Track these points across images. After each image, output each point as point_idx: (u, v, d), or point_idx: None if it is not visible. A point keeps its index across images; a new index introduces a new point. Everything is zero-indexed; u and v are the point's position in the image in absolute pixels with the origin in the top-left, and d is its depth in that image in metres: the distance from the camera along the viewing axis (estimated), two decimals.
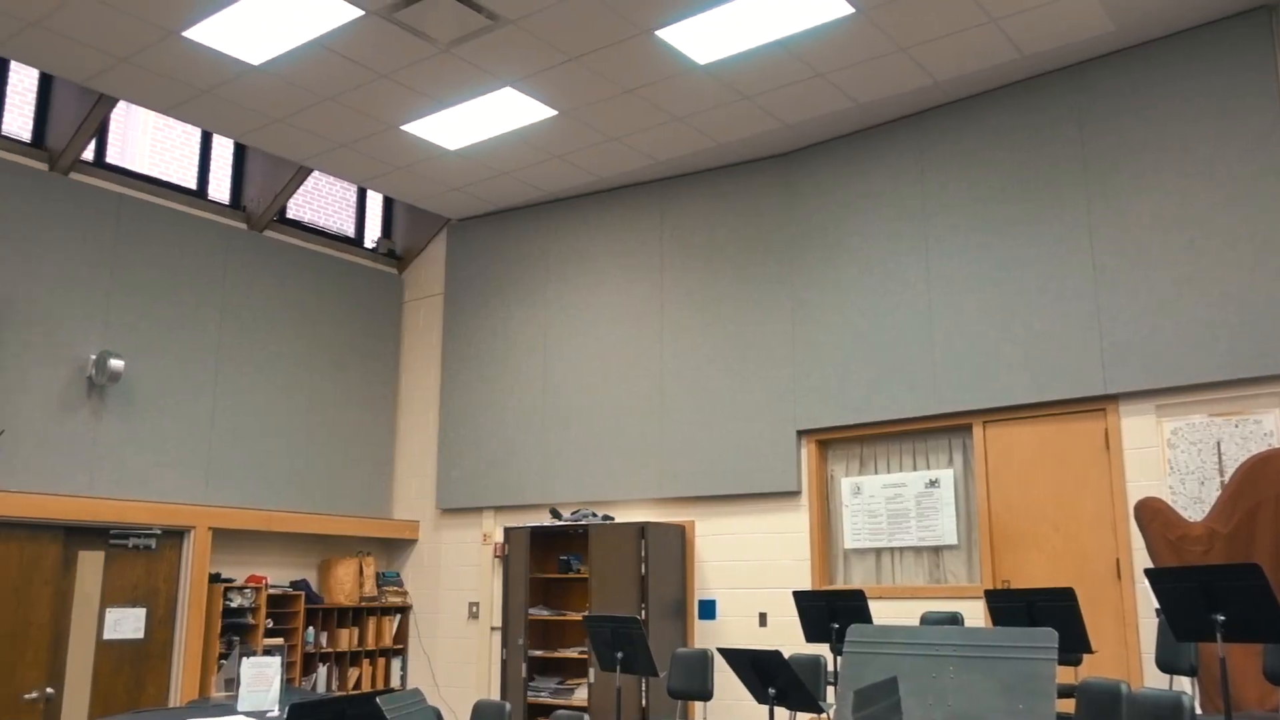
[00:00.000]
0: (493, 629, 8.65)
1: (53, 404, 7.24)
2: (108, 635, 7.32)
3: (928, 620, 6.34)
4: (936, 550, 7.06)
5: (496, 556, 8.76)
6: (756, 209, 8.04)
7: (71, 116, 7.42)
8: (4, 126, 7.37)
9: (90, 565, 7.32)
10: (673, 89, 6.98)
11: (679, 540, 7.85)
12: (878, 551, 7.29)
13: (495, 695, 8.36)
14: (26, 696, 6.87)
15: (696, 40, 6.36)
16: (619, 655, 6.01)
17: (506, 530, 8.27)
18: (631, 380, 8.34)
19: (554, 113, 7.32)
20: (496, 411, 8.99)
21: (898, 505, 7.21)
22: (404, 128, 7.57)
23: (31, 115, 7.55)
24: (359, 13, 6.08)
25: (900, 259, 7.31)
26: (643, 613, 7.35)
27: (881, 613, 6.67)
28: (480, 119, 7.40)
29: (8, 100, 7.43)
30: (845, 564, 7.44)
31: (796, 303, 7.73)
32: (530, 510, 8.63)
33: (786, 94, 7.06)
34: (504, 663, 7.94)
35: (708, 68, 6.70)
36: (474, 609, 8.81)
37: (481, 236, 9.48)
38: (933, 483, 7.11)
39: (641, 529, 7.52)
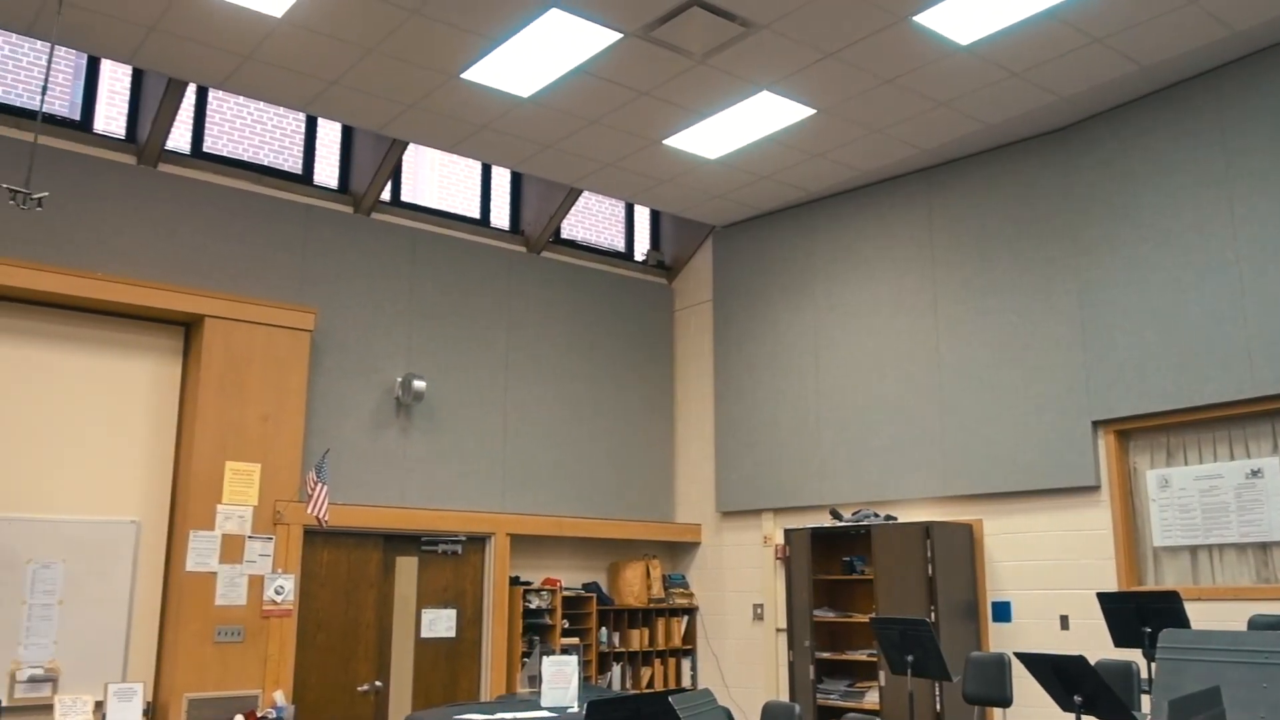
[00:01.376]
0: (778, 630, 8.66)
1: (367, 424, 7.98)
2: (424, 634, 7.96)
3: (1256, 624, 5.74)
4: (1264, 547, 6.39)
5: (778, 558, 8.78)
6: (1032, 190, 7.61)
7: (370, 162, 8.16)
8: (315, 176, 8.21)
9: (406, 570, 8.00)
10: (935, 74, 6.75)
11: (966, 539, 7.55)
12: (1193, 549, 6.69)
13: (784, 696, 8.37)
14: (360, 688, 7.60)
15: (956, 21, 6.12)
16: (909, 658, 5.86)
17: (787, 532, 8.26)
18: (907, 376, 8.12)
19: (813, 111, 7.27)
20: (770, 414, 9.02)
21: (1214, 498, 6.59)
22: (666, 142, 7.76)
23: (337, 164, 8.37)
24: (617, 36, 6.31)
25: (1203, 229, 6.69)
26: (931, 615, 7.13)
27: (1200, 615, 6.12)
28: (739, 126, 7.47)
29: (317, 152, 8.27)
30: (1155, 563, 6.88)
31: (1083, 285, 7.24)
32: (809, 511, 8.59)
33: (1060, 65, 6.65)
34: (791, 664, 7.93)
35: (971, 48, 6.43)
36: (758, 610, 8.87)
37: (746, 241, 9.55)
38: (1255, 473, 6.44)
39: (926, 529, 7.30)
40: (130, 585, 6.83)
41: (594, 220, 9.98)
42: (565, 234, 9.66)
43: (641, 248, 10.27)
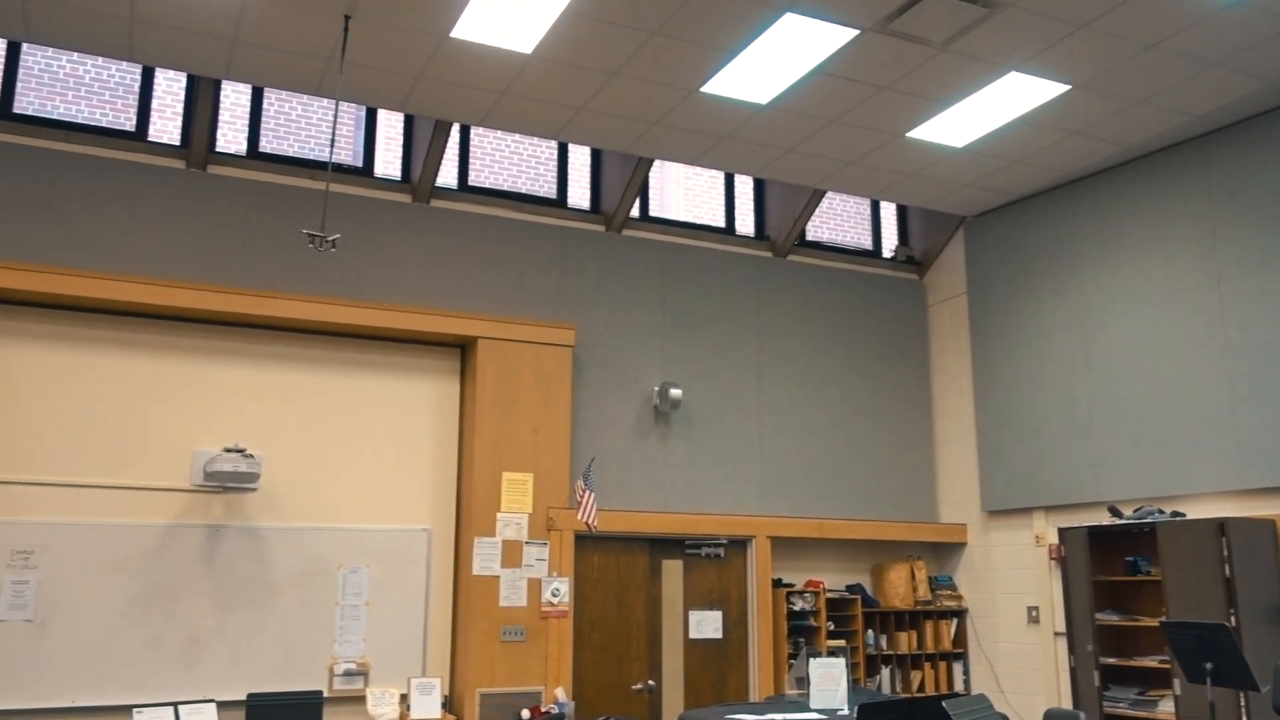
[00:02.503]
0: (1056, 634, 8.26)
1: (628, 432, 8.30)
2: (692, 635, 8.18)
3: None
4: None
5: (1052, 558, 8.37)
6: None
7: (618, 181, 8.50)
8: (569, 199, 8.64)
9: (672, 573, 8.25)
10: (1204, 33, 6.27)
11: (1269, 537, 6.92)
12: None
13: (1065, 703, 7.97)
14: (634, 687, 7.91)
15: None
16: (1208, 666, 5.46)
17: (1060, 531, 7.87)
18: (1190, 360, 7.55)
19: (1066, 88, 6.92)
20: (1037, 407, 8.62)
21: None
22: (910, 134, 7.62)
23: (588, 186, 8.77)
24: (853, 33, 6.27)
25: None
26: (1231, 619, 6.59)
27: None
28: (986, 110, 7.23)
29: (570, 176, 8.70)
30: None
31: None
32: (1084, 509, 8.14)
33: None
34: (1073, 670, 7.55)
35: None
36: (1033, 613, 8.49)
37: (1000, 229, 9.19)
38: None
39: (1221, 525, 6.76)
40: (425, 588, 7.45)
41: (839, 220, 9.92)
42: (810, 236, 9.65)
43: (889, 244, 10.10)
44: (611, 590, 7.98)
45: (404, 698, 7.03)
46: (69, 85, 7.28)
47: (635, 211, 8.86)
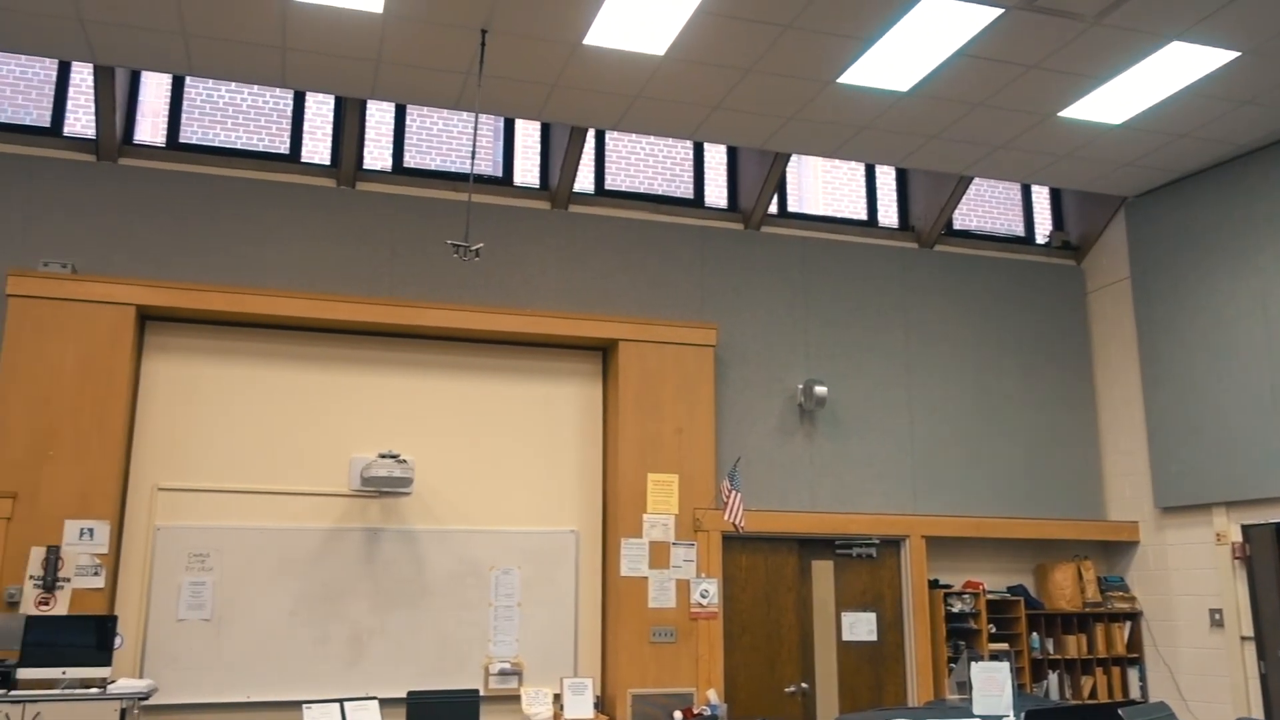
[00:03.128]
0: (1243, 639, 7.72)
1: (773, 431, 8.19)
2: (845, 637, 8.01)
3: None
4: None
5: (1236, 558, 7.82)
6: None
7: (755, 178, 8.41)
8: (706, 199, 8.60)
9: (822, 573, 8.10)
10: None
11: None
12: None
13: (1255, 713, 7.43)
14: (787, 690, 7.80)
15: None
16: None
17: (1244, 528, 7.35)
18: None
19: (1236, 55, 6.47)
20: (1214, 397, 8.08)
21: None
22: (1062, 114, 7.27)
23: (725, 184, 8.71)
24: (998, 11, 6.02)
25: None
26: None
27: None
28: (1145, 84, 6.82)
29: (706, 175, 8.66)
30: None
31: None
32: (1272, 504, 7.57)
33: None
34: (1263, 677, 7.03)
35: None
36: (1216, 616, 7.96)
37: (1165, 209, 8.66)
38: None
39: None
40: (574, 589, 7.53)
41: (988, 207, 9.55)
42: (958, 225, 9.32)
43: (1043, 230, 9.65)
44: (761, 591, 7.89)
45: (557, 697, 7.12)
46: (228, 114, 7.69)
47: (773, 208, 8.75)
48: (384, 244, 7.61)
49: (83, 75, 7.42)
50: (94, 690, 5.89)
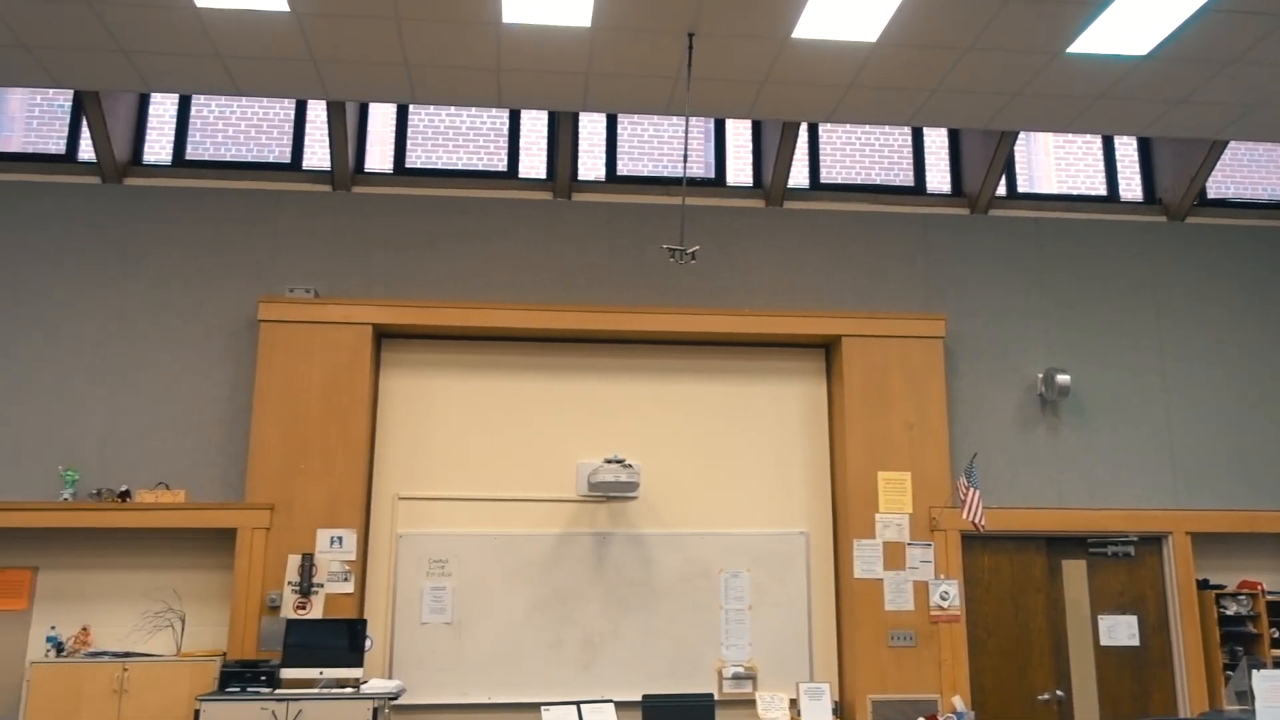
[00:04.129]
0: None
1: (1011, 424, 7.71)
2: (1104, 641, 7.41)
3: None
4: None
5: None
6: None
7: (979, 159, 7.98)
8: (928, 184, 8.23)
9: (1074, 574, 7.53)
10: None
11: None
12: None
13: None
14: (1040, 697, 7.28)
15: None
16: None
17: None
18: None
19: None
20: None
21: None
22: None
23: (947, 168, 8.31)
24: None
25: None
26: None
27: None
28: None
29: (926, 160, 8.29)
30: None
31: None
32: None
33: None
34: None
35: None
36: None
37: None
38: None
39: None
40: (806, 591, 7.32)
41: (1247, 172, 8.68)
42: (1212, 194, 8.52)
43: None
44: (1006, 593, 7.42)
45: (793, 702, 6.93)
46: (449, 136, 8.00)
47: (1001, 189, 8.27)
48: (601, 252, 7.70)
49: (317, 111, 7.90)
50: (349, 690, 6.18)
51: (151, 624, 6.79)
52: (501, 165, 7.95)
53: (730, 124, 8.24)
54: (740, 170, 8.15)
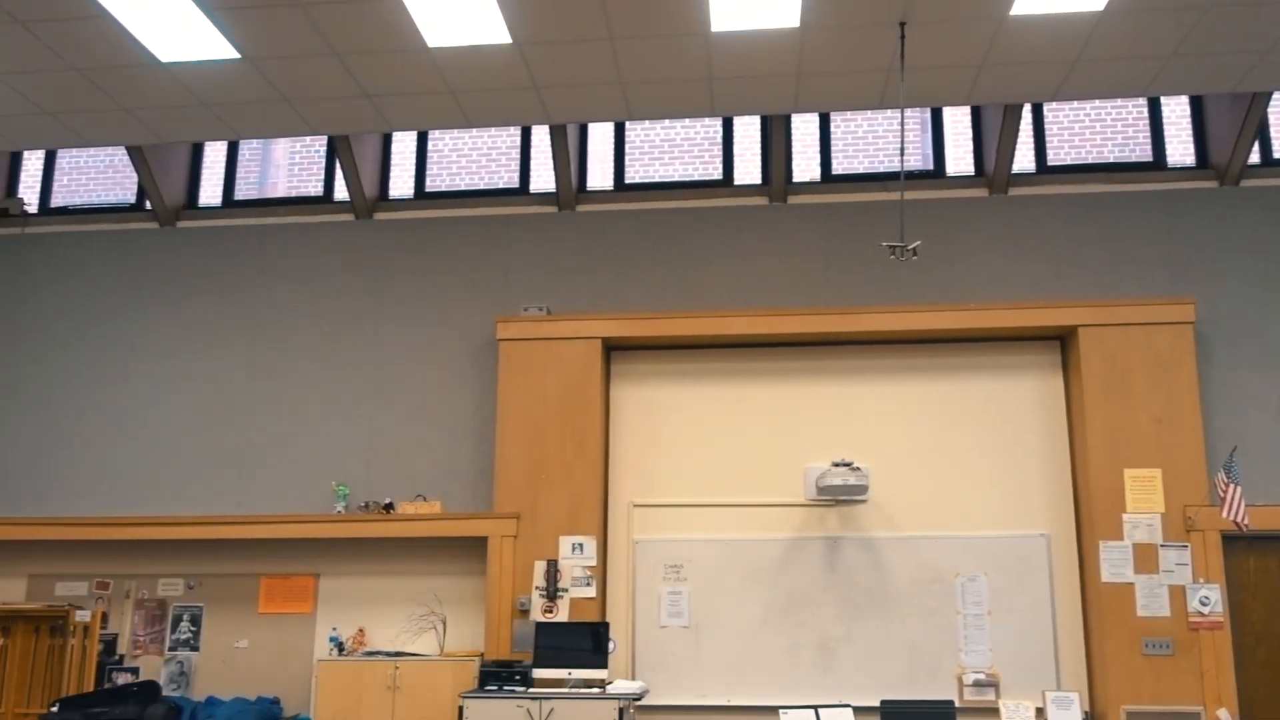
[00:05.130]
0: None
1: (1274, 413, 7.11)
2: None
3: None
4: None
5: None
6: None
7: (1227, 127, 7.38)
8: (1168, 158, 7.69)
9: None
10: None
11: None
12: None
13: None
14: None
15: None
16: None
17: None
18: None
19: None
20: None
21: None
22: None
23: (1190, 139, 7.73)
24: None
25: None
26: None
27: None
28: None
29: (1165, 131, 7.74)
30: None
31: None
32: None
33: None
34: None
35: None
36: None
37: None
38: None
39: None
40: (1049, 596, 7.05)
41: None
42: None
43: None
44: (1276, 597, 6.87)
45: (1039, 711, 6.70)
46: (664, 149, 8.19)
47: (1254, 157, 7.61)
48: (818, 253, 7.68)
49: (541, 136, 8.27)
50: (595, 690, 6.51)
51: (417, 626, 7.40)
52: (716, 174, 8.06)
53: (948, 112, 7.99)
54: (960, 159, 7.90)
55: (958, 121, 7.96)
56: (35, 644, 7.45)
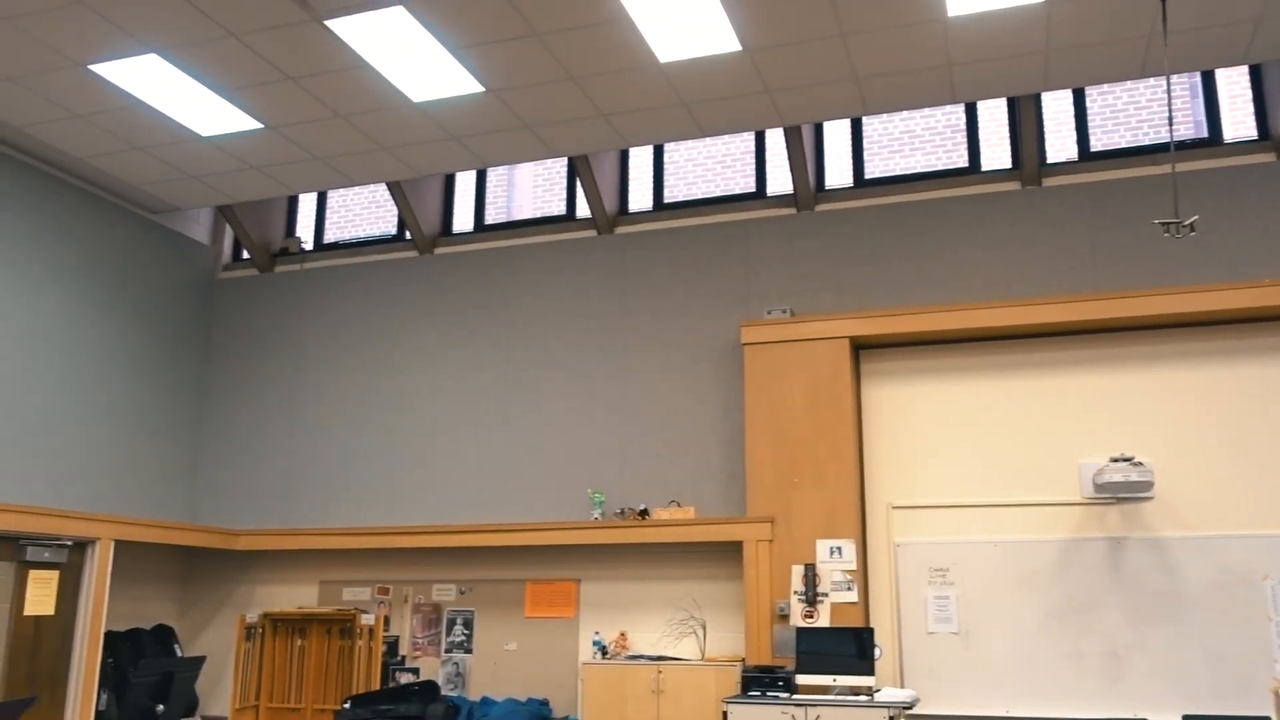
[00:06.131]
0: None
1: None
2: None
3: None
4: None
5: None
6: None
7: None
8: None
9: None
10: None
11: None
12: None
13: None
14: None
15: None
16: None
17: None
18: None
19: None
20: None
21: None
22: None
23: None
24: None
25: None
26: None
27: None
28: None
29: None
30: None
31: None
32: None
33: None
34: None
35: None
36: None
37: None
38: None
39: None
40: None
41: None
42: None
43: None
44: None
45: None
46: (904, 141, 7.95)
47: None
48: (1080, 236, 7.22)
49: (775, 139, 8.22)
50: (863, 698, 6.33)
51: (677, 630, 7.46)
52: (962, 161, 7.75)
53: (1221, 74, 7.35)
54: (1239, 123, 7.23)
55: (1234, 83, 7.31)
56: (328, 645, 8.02)
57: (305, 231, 9.58)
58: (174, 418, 8.96)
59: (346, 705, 7.36)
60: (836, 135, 8.12)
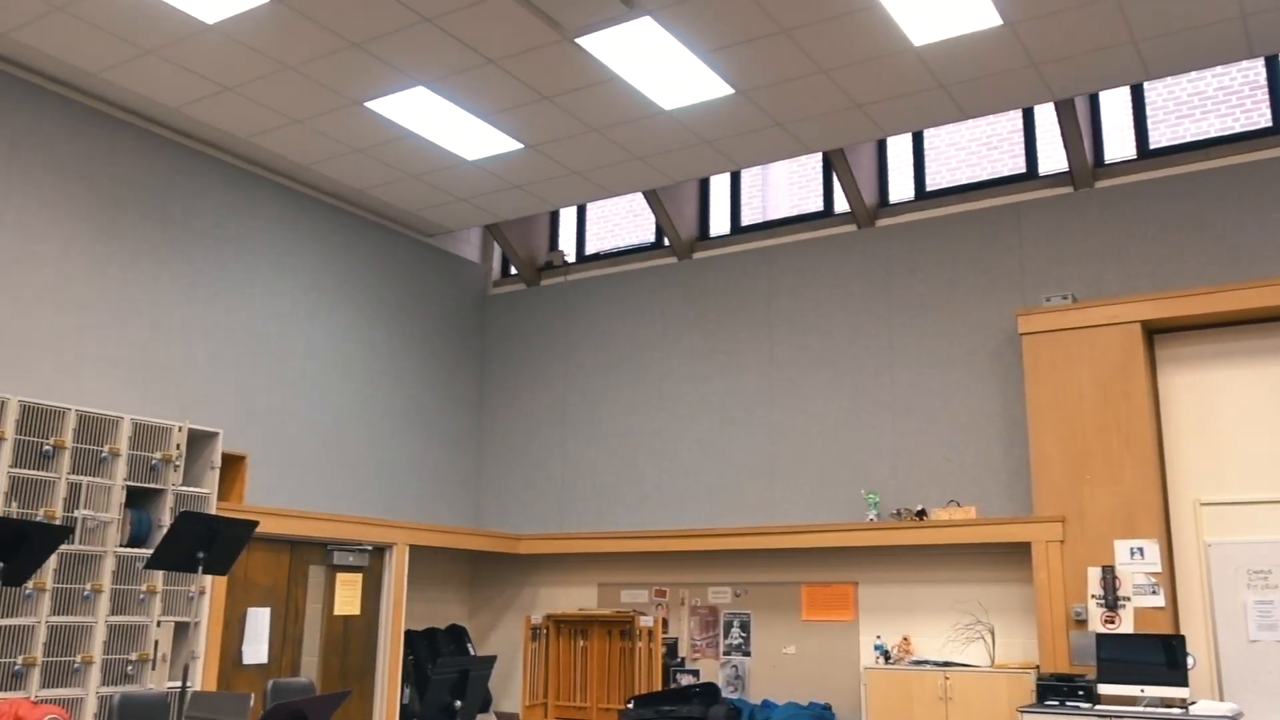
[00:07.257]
0: None
1: None
2: None
3: None
4: None
5: None
6: None
7: None
8: None
9: None
10: None
11: None
12: None
13: None
14: None
15: None
16: None
17: None
18: None
19: None
20: None
21: None
22: None
23: None
24: None
25: None
26: None
27: None
28: None
29: None
30: None
31: None
32: None
33: None
34: None
35: None
36: None
37: None
38: None
39: None
40: None
41: None
42: None
43: None
44: None
45: None
46: (1193, 105, 7.30)
47: None
48: None
49: (1045, 114, 7.76)
50: (1176, 710, 5.86)
51: (964, 635, 7.18)
52: (1264, 121, 7.03)
53: None
54: None
55: None
56: (609, 646, 8.27)
57: (567, 244, 9.93)
58: (455, 428, 9.52)
59: (630, 705, 7.56)
60: (1115, 105, 7.56)
